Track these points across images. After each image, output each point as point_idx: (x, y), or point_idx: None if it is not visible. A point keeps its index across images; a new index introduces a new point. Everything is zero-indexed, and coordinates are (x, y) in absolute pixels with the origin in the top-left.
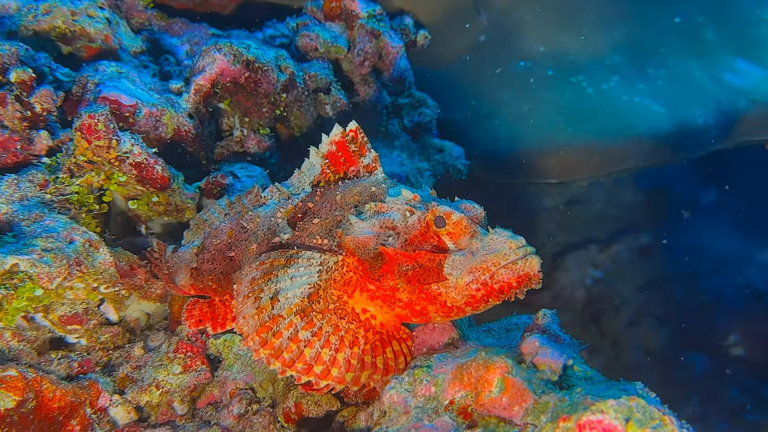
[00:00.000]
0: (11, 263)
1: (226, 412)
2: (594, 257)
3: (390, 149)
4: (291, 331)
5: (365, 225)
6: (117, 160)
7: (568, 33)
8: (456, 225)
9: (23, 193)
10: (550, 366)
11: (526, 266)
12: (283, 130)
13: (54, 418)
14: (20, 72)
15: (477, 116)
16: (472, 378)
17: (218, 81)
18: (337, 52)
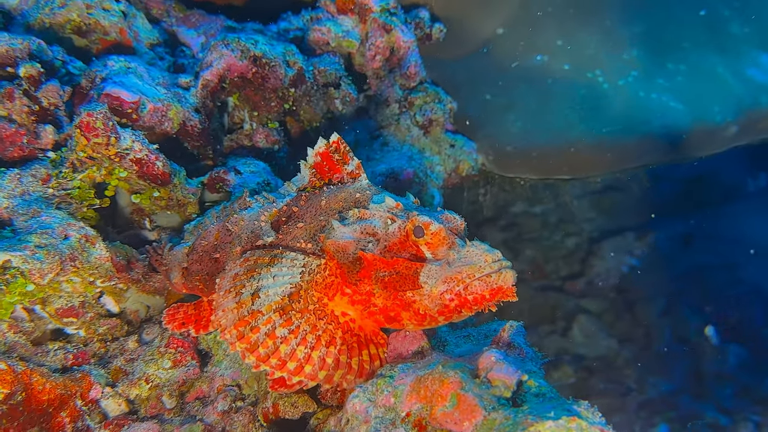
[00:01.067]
0: (3, 259)
1: (211, 408)
2: (631, 244)
3: (401, 143)
4: (269, 327)
5: (347, 230)
6: (117, 157)
7: (587, 26)
8: (434, 235)
9: (25, 188)
10: (504, 382)
11: (500, 280)
12: (293, 123)
13: (44, 410)
14: (29, 67)
15: (491, 111)
16: (428, 391)
17: (225, 76)
18: (348, 46)
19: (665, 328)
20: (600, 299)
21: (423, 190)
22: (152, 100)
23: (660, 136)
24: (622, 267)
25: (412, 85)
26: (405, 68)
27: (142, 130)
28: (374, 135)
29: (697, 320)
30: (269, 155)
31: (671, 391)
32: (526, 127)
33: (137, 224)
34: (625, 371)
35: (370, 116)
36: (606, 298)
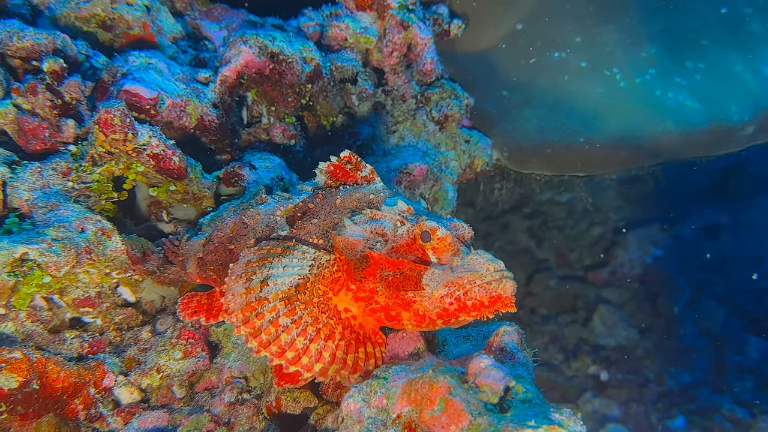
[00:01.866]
0: (21, 252)
1: (218, 399)
2: (656, 235)
3: (416, 139)
4: (273, 315)
5: (357, 228)
6: (135, 152)
7: (607, 23)
8: (440, 241)
9: (45, 181)
10: (492, 387)
11: (499, 288)
12: (311, 117)
13: (58, 397)
14: (52, 62)
15: (507, 107)
16: (418, 395)
17: (243, 72)
18: (366, 42)
19: (688, 320)
20: (622, 289)
21: (437, 186)
22: (171, 96)
23: (675, 135)
24: (646, 257)
25: (429, 81)
26: (421, 65)
27: (161, 126)
28: (391, 130)
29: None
30: (286, 149)
31: (691, 383)
32: (541, 124)
33: (155, 216)
34: (644, 362)
35: (387, 111)
36: (628, 289)
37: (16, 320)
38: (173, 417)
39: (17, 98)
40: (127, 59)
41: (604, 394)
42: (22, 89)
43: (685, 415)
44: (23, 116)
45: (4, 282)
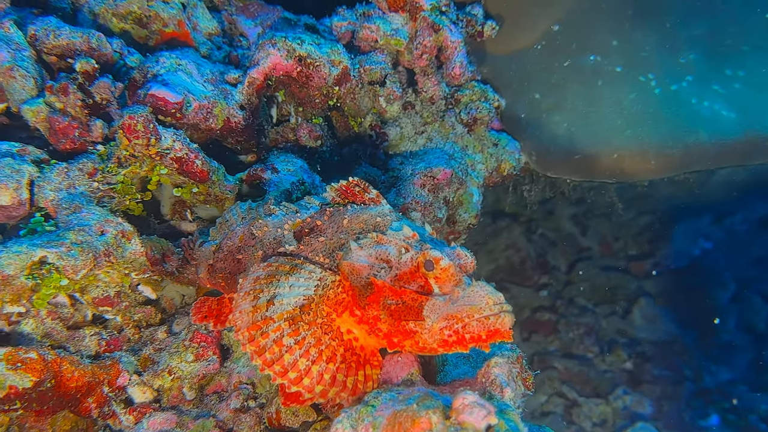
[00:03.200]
0: (40, 255)
1: (225, 404)
2: (706, 227)
3: (444, 140)
4: (277, 335)
5: (363, 253)
6: (158, 155)
7: (645, 27)
8: (443, 271)
9: (71, 182)
10: (473, 426)
11: (497, 323)
12: (339, 117)
13: (71, 395)
14: (84, 62)
15: (538, 110)
16: (401, 428)
17: (271, 75)
18: (396, 44)
19: (731, 316)
20: (666, 282)
21: (462, 189)
22: (198, 98)
23: (708, 145)
24: (694, 249)
25: (458, 83)
26: (450, 69)
27: (187, 128)
28: (419, 130)
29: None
30: (312, 150)
31: (729, 381)
32: (571, 129)
33: (179, 215)
34: (682, 358)
35: (417, 112)
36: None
37: (36, 317)
38: (181, 419)
39: (50, 97)
40: (158, 60)
41: (638, 389)
42: (55, 88)
43: (719, 414)
44: (54, 115)
45: (23, 284)
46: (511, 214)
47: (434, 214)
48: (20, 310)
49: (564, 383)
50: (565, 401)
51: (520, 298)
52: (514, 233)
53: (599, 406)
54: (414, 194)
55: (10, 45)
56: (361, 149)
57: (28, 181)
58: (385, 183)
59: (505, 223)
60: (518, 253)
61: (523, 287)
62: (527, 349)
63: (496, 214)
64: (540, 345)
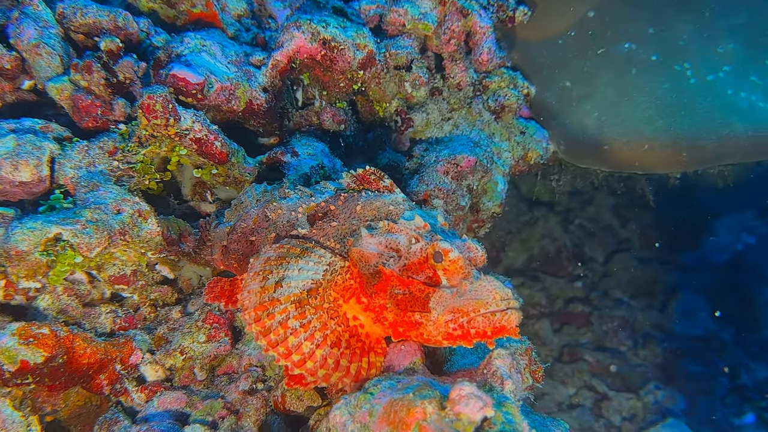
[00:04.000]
0: (55, 232)
1: (234, 386)
2: (750, 221)
3: (471, 127)
4: (283, 317)
5: (373, 241)
6: (177, 136)
7: (683, 15)
8: (452, 263)
9: (91, 160)
10: (468, 417)
11: (503, 320)
12: (364, 102)
13: (83, 372)
14: (108, 41)
15: (568, 98)
16: (396, 417)
17: (295, 57)
18: (424, 29)
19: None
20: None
21: (486, 177)
22: (220, 80)
23: (743, 138)
24: (736, 244)
25: (486, 69)
26: (477, 55)
27: (208, 109)
28: (445, 117)
29: None
30: (335, 134)
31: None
32: (601, 118)
33: (200, 196)
34: (720, 354)
35: (444, 98)
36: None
37: (53, 294)
38: (191, 399)
39: (75, 75)
40: (183, 40)
41: (671, 385)
42: (79, 66)
43: (755, 413)
44: (78, 93)
45: (37, 260)
46: (548, 203)
47: (457, 202)
48: (36, 285)
49: (594, 376)
50: (594, 394)
51: (553, 289)
52: (550, 223)
53: (629, 401)
54: (437, 181)
55: (38, 22)
56: (385, 135)
57: (49, 158)
58: (409, 169)
59: (542, 212)
60: (554, 243)
61: (556, 278)
62: (557, 341)
63: (532, 203)
64: (571, 337)
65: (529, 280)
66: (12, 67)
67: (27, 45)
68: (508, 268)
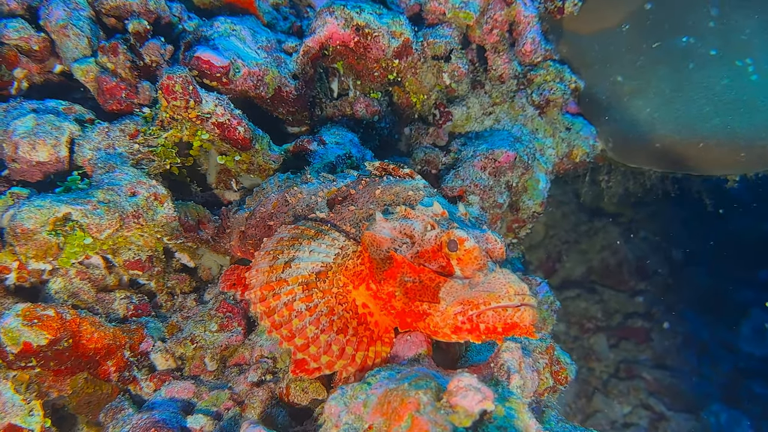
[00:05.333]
0: (64, 212)
1: (243, 377)
2: None
3: (513, 122)
4: (289, 298)
5: (387, 225)
6: (198, 119)
7: (747, 7)
8: (467, 253)
9: (111, 142)
10: (465, 410)
11: (515, 316)
12: (401, 93)
13: (90, 357)
14: (136, 23)
15: (619, 93)
16: (390, 408)
17: (327, 44)
18: (465, 18)
19: None
20: None
21: (527, 174)
22: (248, 65)
23: None
24: None
25: (530, 61)
26: (521, 45)
27: (235, 95)
28: (487, 111)
29: None
30: (368, 125)
31: None
32: (653, 115)
33: (224, 184)
34: None
35: (486, 92)
36: None
37: (65, 277)
38: (199, 389)
39: (102, 57)
40: (213, 24)
41: (736, 407)
42: (105, 48)
43: None
44: (103, 75)
45: (46, 240)
46: (612, 213)
47: (494, 199)
48: (47, 267)
49: (651, 395)
50: (651, 414)
51: (612, 303)
52: (611, 234)
53: (689, 422)
54: (473, 177)
55: (68, 3)
56: (423, 128)
57: (68, 139)
58: (446, 164)
59: (602, 222)
60: (615, 255)
61: (616, 291)
62: (614, 356)
63: (593, 211)
64: (629, 353)
65: (586, 292)
66: (40, 48)
67: (55, 26)
68: (564, 280)
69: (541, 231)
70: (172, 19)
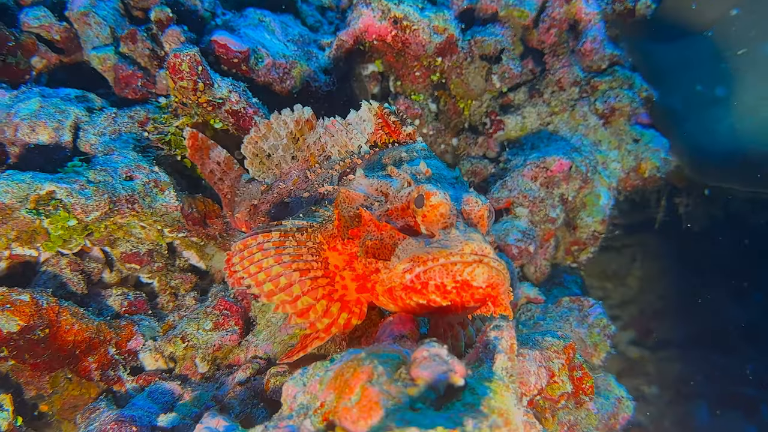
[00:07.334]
0: (48, 189)
1: (231, 378)
2: None
3: (572, 133)
4: (263, 240)
5: (365, 182)
6: (210, 105)
7: None
8: (432, 209)
9: (118, 127)
10: (427, 381)
11: (465, 272)
12: (447, 98)
13: (69, 350)
14: (158, 11)
15: (697, 103)
16: (342, 380)
17: (362, 38)
18: (520, 16)
19: None
20: None
21: (586, 188)
22: (273, 55)
23: None
24: None
25: (591, 62)
26: (581, 44)
27: (258, 86)
28: (544, 121)
29: None
30: None
31: None
32: (735, 126)
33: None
34: None
35: (544, 100)
36: None
37: (55, 266)
38: (184, 391)
39: (123, 47)
40: (243, 14)
41: None
42: (123, 35)
43: None
44: (120, 63)
45: (26, 220)
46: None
47: (546, 213)
48: (31, 253)
49: None
50: None
51: (716, 368)
52: (719, 293)
53: None
54: (521, 187)
55: None
56: (471, 137)
57: (73, 124)
58: (495, 175)
59: (708, 278)
60: (721, 318)
61: (722, 355)
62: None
63: (697, 269)
64: (733, 423)
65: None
66: (62, 38)
67: (76, 13)
68: (660, 340)
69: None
70: (203, 13)
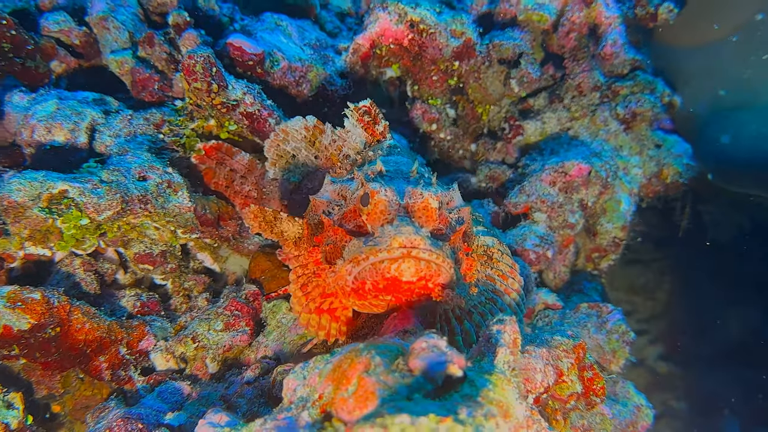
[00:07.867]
0: (60, 188)
1: (239, 378)
2: None
3: (593, 138)
4: None
5: (330, 188)
6: (224, 107)
7: None
8: (373, 207)
9: (133, 129)
10: (423, 370)
11: (392, 269)
12: (465, 104)
13: (80, 350)
14: (176, 15)
15: (722, 109)
16: (339, 372)
17: (379, 42)
18: (539, 20)
19: None
20: None
21: (606, 193)
22: (289, 59)
23: None
24: None
25: (612, 67)
26: (601, 47)
27: (273, 89)
28: (564, 127)
29: None
30: (424, 136)
31: None
32: (761, 130)
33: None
34: None
35: (565, 105)
36: None
37: (69, 266)
38: (192, 391)
39: (141, 51)
40: (260, 19)
41: None
42: (140, 38)
43: None
44: (137, 66)
45: (39, 218)
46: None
47: (564, 218)
48: (45, 253)
49: None
50: None
51: (751, 383)
52: (751, 308)
53: None
54: (540, 192)
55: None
56: (490, 143)
57: (89, 126)
58: (513, 180)
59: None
60: (751, 331)
61: (756, 369)
62: None
63: (727, 282)
64: None
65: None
66: (81, 42)
67: (95, 18)
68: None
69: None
70: (221, 18)
